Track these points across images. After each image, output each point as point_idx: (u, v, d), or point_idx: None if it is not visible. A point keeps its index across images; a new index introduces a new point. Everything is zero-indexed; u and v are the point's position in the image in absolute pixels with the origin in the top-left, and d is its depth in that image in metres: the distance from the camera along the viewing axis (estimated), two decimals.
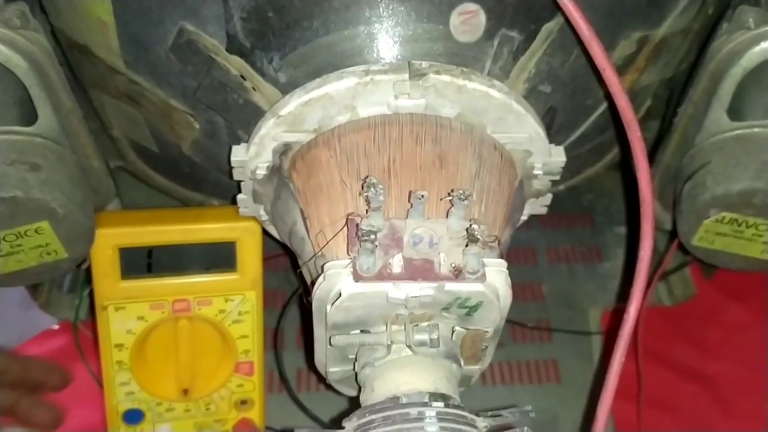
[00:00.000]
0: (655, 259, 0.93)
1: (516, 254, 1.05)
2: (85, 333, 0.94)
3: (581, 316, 1.00)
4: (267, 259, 1.01)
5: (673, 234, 0.79)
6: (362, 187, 0.56)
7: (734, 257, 0.73)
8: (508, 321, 0.99)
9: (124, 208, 0.86)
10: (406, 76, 0.62)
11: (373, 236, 0.53)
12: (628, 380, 0.94)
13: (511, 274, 0.58)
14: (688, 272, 1.03)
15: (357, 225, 0.55)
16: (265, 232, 0.79)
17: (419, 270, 0.54)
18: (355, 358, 0.61)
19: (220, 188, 0.79)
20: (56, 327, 0.98)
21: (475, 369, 0.64)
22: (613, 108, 0.64)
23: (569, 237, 1.08)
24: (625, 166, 0.87)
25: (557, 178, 0.71)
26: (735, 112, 0.70)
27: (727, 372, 0.97)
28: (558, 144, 0.71)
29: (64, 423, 0.91)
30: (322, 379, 0.67)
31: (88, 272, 0.80)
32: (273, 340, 0.94)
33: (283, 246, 0.76)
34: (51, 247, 0.68)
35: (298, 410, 0.90)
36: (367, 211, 0.56)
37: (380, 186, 0.54)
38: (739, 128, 0.69)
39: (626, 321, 0.61)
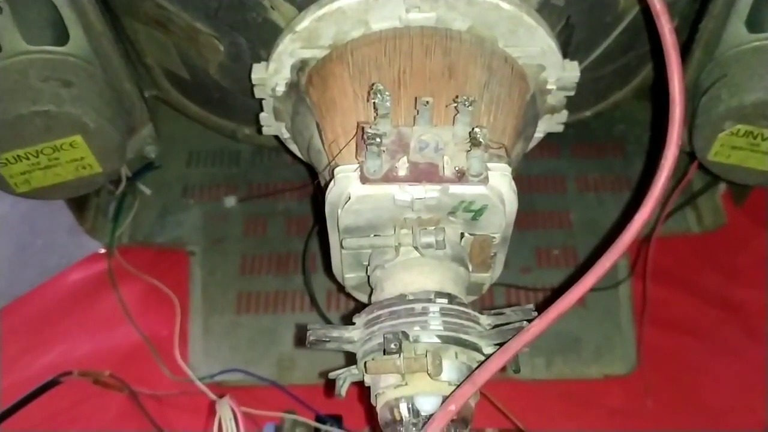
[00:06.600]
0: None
1: (545, 182, 1.05)
2: (126, 257, 1.00)
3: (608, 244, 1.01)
4: (298, 188, 1.06)
5: (694, 155, 0.78)
6: (368, 95, 0.57)
7: (751, 172, 0.72)
8: (535, 246, 1.02)
9: (163, 140, 0.90)
10: None
11: (378, 140, 0.55)
12: (654, 308, 0.95)
13: (539, 201, 0.58)
14: (720, 201, 1.02)
15: (363, 130, 0.57)
16: (288, 152, 0.81)
17: (424, 173, 0.56)
18: (368, 263, 0.63)
19: (249, 114, 0.81)
20: (102, 251, 1.03)
21: (486, 276, 0.65)
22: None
23: (599, 166, 1.08)
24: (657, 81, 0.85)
25: (572, 93, 0.71)
26: (753, 23, 0.69)
27: (754, 298, 0.97)
28: (578, 63, 0.71)
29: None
30: (341, 287, 0.69)
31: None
32: (302, 263, 0.97)
33: (309, 168, 0.78)
34: (86, 161, 0.72)
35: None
36: (375, 118, 0.58)
37: (387, 93, 0.56)
38: (758, 40, 0.69)
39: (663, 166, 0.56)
